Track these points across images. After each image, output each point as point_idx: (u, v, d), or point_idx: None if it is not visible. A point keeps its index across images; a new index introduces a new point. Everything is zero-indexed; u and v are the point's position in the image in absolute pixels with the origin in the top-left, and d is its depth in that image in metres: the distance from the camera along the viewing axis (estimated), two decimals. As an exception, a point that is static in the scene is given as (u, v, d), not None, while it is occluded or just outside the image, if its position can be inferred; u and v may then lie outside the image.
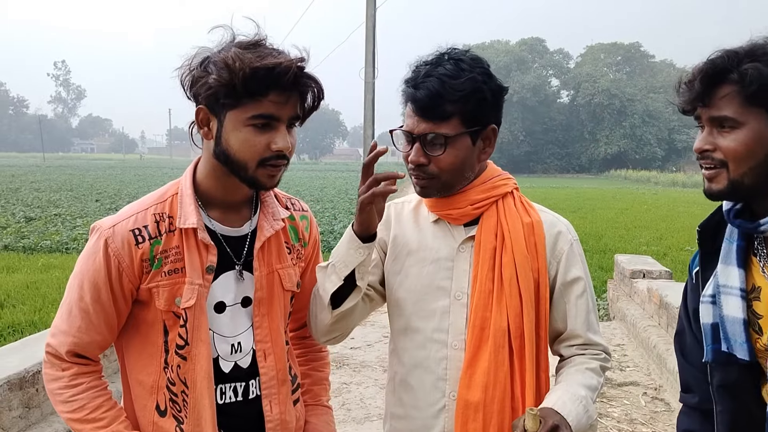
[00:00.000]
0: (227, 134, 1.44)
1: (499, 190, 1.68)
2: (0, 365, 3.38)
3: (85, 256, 1.52)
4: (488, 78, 1.60)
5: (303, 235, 1.74)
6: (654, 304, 6.20)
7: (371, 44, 14.71)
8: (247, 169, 1.46)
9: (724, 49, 1.36)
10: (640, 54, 76.11)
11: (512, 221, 1.65)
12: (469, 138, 1.60)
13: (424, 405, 1.69)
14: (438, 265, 1.69)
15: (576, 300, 1.69)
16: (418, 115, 1.59)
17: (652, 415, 4.73)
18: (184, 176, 1.58)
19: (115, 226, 1.50)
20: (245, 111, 1.41)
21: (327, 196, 26.57)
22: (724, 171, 1.37)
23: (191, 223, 1.50)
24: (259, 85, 1.38)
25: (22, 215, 17.67)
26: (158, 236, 1.50)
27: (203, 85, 1.41)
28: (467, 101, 1.56)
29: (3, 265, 10.55)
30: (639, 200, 27.74)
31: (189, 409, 1.52)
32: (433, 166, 1.60)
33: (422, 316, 1.69)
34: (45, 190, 27.65)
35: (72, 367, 1.51)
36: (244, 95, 1.39)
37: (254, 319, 1.59)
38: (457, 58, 1.60)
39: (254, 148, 1.43)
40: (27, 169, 53.52)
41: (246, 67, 1.36)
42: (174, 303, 1.50)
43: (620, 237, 14.85)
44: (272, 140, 1.43)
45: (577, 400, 1.53)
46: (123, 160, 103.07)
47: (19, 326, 6.92)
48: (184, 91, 1.49)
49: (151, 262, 1.50)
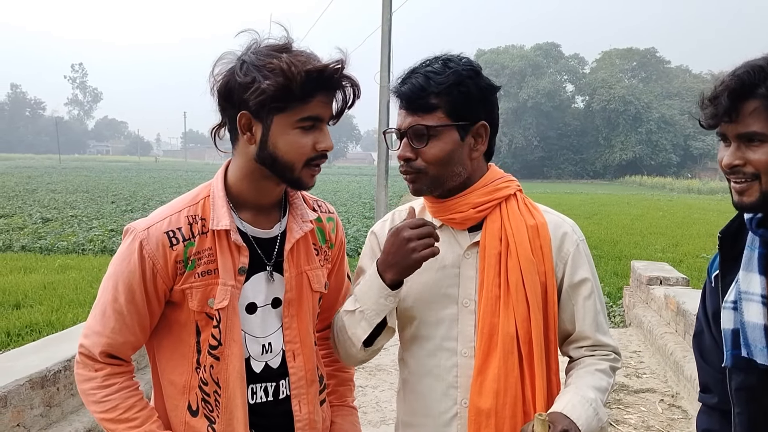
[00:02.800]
0: (275, 138, 1.46)
1: (502, 193, 1.67)
2: (21, 364, 3.42)
3: (119, 258, 1.53)
4: (474, 74, 1.60)
5: (330, 236, 1.76)
6: (671, 311, 6.16)
7: (387, 48, 14.70)
8: (294, 170, 1.50)
9: (747, 63, 1.34)
10: (656, 59, 75.72)
11: (516, 224, 1.64)
12: (456, 132, 1.59)
13: (436, 413, 1.68)
14: (444, 272, 1.68)
15: (584, 301, 1.67)
16: (404, 108, 1.61)
17: (669, 422, 4.70)
18: (216, 179, 1.59)
19: (150, 228, 1.52)
20: (294, 114, 1.44)
21: (341, 199, 26.65)
22: (756, 184, 1.36)
23: (224, 224, 1.52)
24: (310, 88, 1.43)
25: (38, 216, 17.85)
26: (192, 238, 1.53)
27: (254, 92, 1.41)
28: (450, 93, 1.56)
29: (20, 265, 10.67)
30: (654, 206, 27.57)
31: (221, 408, 1.54)
32: (420, 160, 1.60)
33: (431, 324, 1.69)
34: (61, 192, 27.92)
35: (105, 368, 1.52)
36: (295, 98, 1.42)
37: (284, 320, 1.61)
38: (447, 58, 1.61)
39: (302, 149, 1.47)
40: (43, 170, 53.98)
41: (301, 71, 1.40)
42: (207, 304, 1.52)
43: (635, 243, 14.77)
44: (317, 140, 1.49)
45: (587, 403, 1.52)
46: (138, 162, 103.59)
47: (36, 326, 7.00)
48: (220, 98, 1.50)
49: (185, 263, 1.52)
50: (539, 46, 76.16)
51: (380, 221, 1.90)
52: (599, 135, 69.28)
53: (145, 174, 52.37)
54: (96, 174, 49.30)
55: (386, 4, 14.79)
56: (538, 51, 75.02)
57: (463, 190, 1.66)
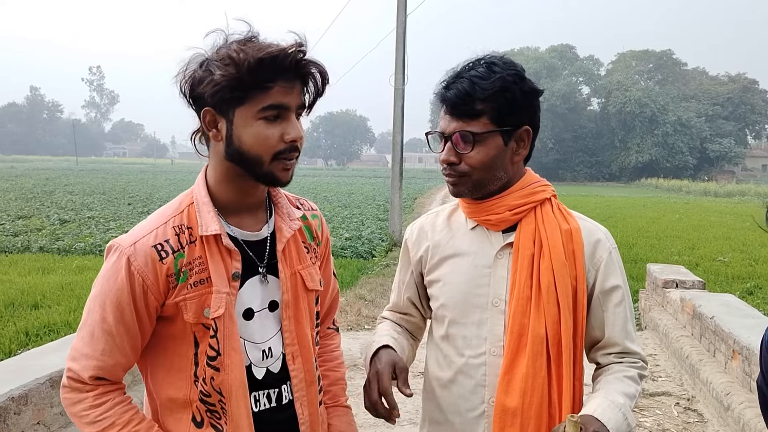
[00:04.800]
0: (239, 131, 1.41)
1: (538, 196, 1.69)
2: (42, 364, 3.47)
3: (105, 277, 1.45)
4: (519, 79, 1.62)
5: (317, 233, 1.72)
6: (687, 314, 6.13)
7: (401, 51, 14.71)
8: (263, 164, 1.43)
9: None
10: (672, 61, 75.17)
11: (550, 228, 1.65)
12: (500, 137, 1.62)
13: (464, 410, 1.70)
14: (476, 272, 1.70)
15: (614, 308, 1.68)
16: (449, 114, 1.63)
17: (685, 426, 4.68)
18: (197, 185, 1.54)
19: (136, 243, 1.45)
20: (254, 104, 1.39)
21: (354, 201, 26.67)
22: None
23: (213, 229, 1.47)
24: (266, 75, 1.37)
25: (56, 218, 18.02)
26: (181, 249, 1.46)
27: (208, 84, 1.38)
28: (496, 99, 1.58)
29: (38, 266, 10.78)
30: (670, 209, 27.37)
31: (228, 417, 1.50)
32: (464, 164, 1.63)
33: (461, 323, 1.71)
34: (78, 194, 28.16)
35: (95, 388, 1.45)
36: (251, 87, 1.37)
37: (283, 323, 1.57)
38: (491, 61, 1.63)
39: (268, 141, 1.41)
40: (61, 172, 54.53)
41: (250, 57, 1.35)
42: (203, 314, 1.46)
43: (651, 246, 14.69)
44: (284, 131, 1.42)
45: (617, 408, 1.52)
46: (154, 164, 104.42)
47: (54, 326, 7.06)
48: (185, 97, 1.46)
49: (176, 276, 1.45)
50: (554, 48, 75.96)
51: (408, 227, 1.94)
52: (615, 137, 68.91)
53: (161, 176, 52.74)
54: (113, 176, 49.71)
55: (401, 7, 14.82)
56: (553, 53, 74.82)
57: (501, 193, 1.68)
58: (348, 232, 15.40)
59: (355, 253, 13.01)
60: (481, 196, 1.69)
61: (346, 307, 8.17)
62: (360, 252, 13.09)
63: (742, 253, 13.79)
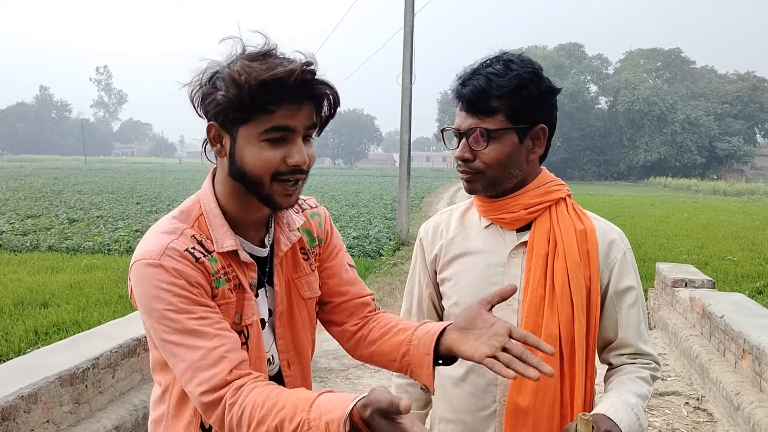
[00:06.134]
0: (241, 151, 1.35)
1: (553, 196, 1.69)
2: (51, 362, 3.48)
3: (149, 295, 1.33)
4: (536, 77, 1.61)
5: (317, 232, 1.66)
6: (696, 314, 6.10)
7: (409, 49, 14.68)
8: (263, 186, 1.37)
9: None
10: (681, 60, 74.84)
11: (565, 228, 1.65)
12: (515, 134, 1.61)
13: (475, 409, 1.71)
14: (489, 270, 1.70)
15: (628, 309, 1.68)
16: (465, 111, 1.63)
17: (695, 425, 4.66)
18: (205, 194, 1.49)
19: (165, 251, 1.36)
20: (257, 125, 1.32)
21: (362, 201, 26.68)
22: None
23: (229, 245, 1.43)
24: (268, 98, 1.30)
25: (65, 217, 18.11)
26: (210, 254, 1.41)
27: (211, 102, 1.34)
28: (512, 97, 1.58)
29: (47, 265, 10.82)
30: (679, 208, 27.25)
31: None
32: (479, 161, 1.63)
33: None
34: (87, 193, 28.29)
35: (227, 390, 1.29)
36: (253, 109, 1.31)
37: (276, 331, 1.56)
38: (508, 59, 1.62)
39: (269, 163, 1.34)
40: (69, 171, 54.78)
41: (252, 80, 1.28)
42: (234, 320, 1.43)
43: (660, 245, 14.63)
44: (288, 154, 1.35)
45: (629, 408, 1.52)
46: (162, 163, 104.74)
47: (63, 325, 7.09)
48: (194, 107, 1.41)
49: (215, 279, 1.40)
50: (562, 47, 75.77)
51: (422, 226, 1.94)
52: (623, 136, 68.67)
53: (169, 175, 52.89)
54: (121, 175, 49.90)
55: (408, 6, 14.79)
56: (561, 51, 74.64)
57: (516, 191, 1.68)
58: (355, 231, 15.41)
59: (363, 252, 13.03)
60: (496, 194, 1.69)
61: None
62: (368, 251, 13.10)
63: (751, 252, 13.73)
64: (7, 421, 2.95)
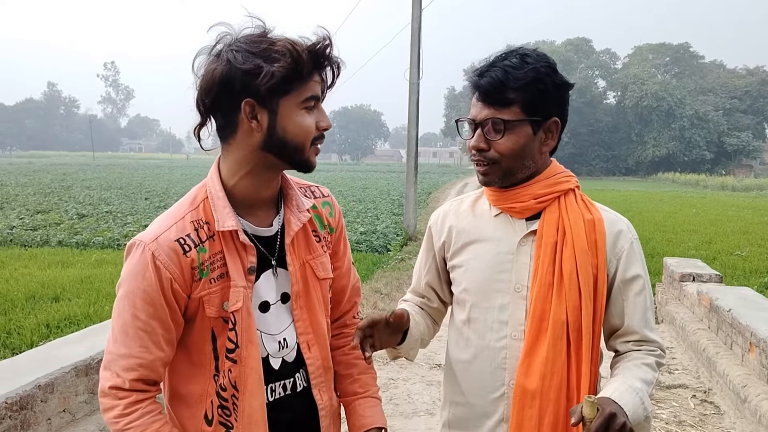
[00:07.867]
0: (284, 122, 1.44)
1: (562, 186, 1.73)
2: (66, 353, 3.54)
3: (131, 275, 1.45)
4: (552, 71, 1.66)
5: (328, 221, 1.73)
6: (704, 308, 6.12)
7: (416, 45, 14.67)
8: (303, 151, 1.49)
9: None
10: (689, 54, 74.37)
11: (574, 217, 1.69)
12: (529, 126, 1.66)
13: (484, 392, 1.75)
14: (499, 258, 1.74)
15: (635, 297, 1.71)
16: (481, 101, 1.67)
17: (702, 418, 4.68)
18: (211, 179, 1.55)
19: (159, 238, 1.46)
20: (297, 96, 1.44)
21: (369, 196, 26.70)
22: None
23: (230, 225, 1.48)
24: (310, 67, 1.43)
25: (74, 212, 18.21)
26: (201, 243, 1.48)
27: (265, 76, 1.38)
28: (528, 89, 1.62)
29: (58, 260, 10.91)
30: (687, 203, 27.17)
31: (239, 412, 1.52)
32: (493, 151, 1.67)
33: (483, 307, 1.75)
34: (96, 188, 28.43)
35: (129, 396, 1.44)
36: (296, 79, 1.42)
37: (294, 313, 1.60)
38: (524, 53, 1.67)
39: (309, 128, 1.47)
40: (78, 167, 55.03)
41: (303, 51, 1.40)
42: (222, 308, 1.49)
43: (668, 240, 14.61)
44: (319, 119, 1.49)
45: (634, 392, 1.56)
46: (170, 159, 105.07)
47: (75, 318, 7.17)
48: (211, 92, 1.43)
49: (199, 270, 1.47)
50: (570, 41, 75.45)
51: (433, 213, 1.98)
52: (631, 131, 68.31)
53: (177, 171, 53.02)
54: (129, 171, 50.10)
55: (416, 1, 14.78)
56: (569, 46, 74.30)
57: (527, 182, 1.72)
58: (363, 227, 15.43)
59: (370, 247, 13.06)
60: (509, 185, 1.73)
61: (363, 301, 8.22)
62: (375, 246, 13.13)
63: (759, 247, 13.69)
64: (25, 410, 3.01)
